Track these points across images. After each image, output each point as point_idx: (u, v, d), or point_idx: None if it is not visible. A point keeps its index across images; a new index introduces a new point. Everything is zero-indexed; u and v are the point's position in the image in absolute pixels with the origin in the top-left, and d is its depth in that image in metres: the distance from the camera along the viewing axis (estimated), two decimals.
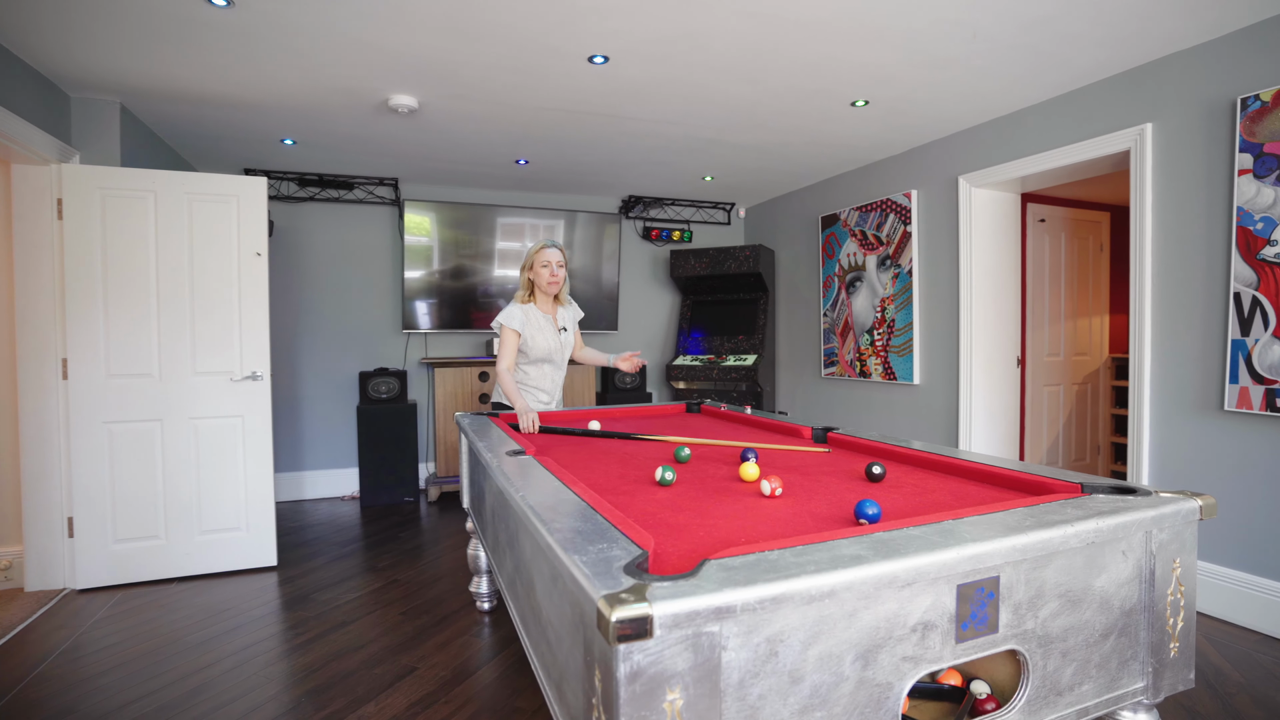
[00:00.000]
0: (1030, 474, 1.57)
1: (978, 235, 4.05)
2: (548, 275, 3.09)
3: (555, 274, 3.10)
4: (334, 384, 5.25)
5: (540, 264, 3.10)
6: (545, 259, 3.09)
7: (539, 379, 3.23)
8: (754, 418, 2.77)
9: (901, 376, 4.53)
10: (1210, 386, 2.91)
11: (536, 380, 3.22)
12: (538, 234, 5.65)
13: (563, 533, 1.16)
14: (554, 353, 3.18)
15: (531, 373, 3.21)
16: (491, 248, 5.52)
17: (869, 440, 2.12)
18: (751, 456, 1.92)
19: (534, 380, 3.23)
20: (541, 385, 3.25)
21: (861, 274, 4.87)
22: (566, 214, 5.72)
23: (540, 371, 3.21)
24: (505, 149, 4.46)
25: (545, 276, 3.09)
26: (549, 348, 3.15)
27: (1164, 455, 3.08)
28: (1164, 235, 3.08)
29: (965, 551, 1.05)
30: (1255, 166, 2.71)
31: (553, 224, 5.69)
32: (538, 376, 3.23)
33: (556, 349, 3.19)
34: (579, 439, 2.47)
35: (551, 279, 3.10)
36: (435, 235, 5.34)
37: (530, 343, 3.10)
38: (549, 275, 3.09)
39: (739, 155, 4.66)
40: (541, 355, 3.15)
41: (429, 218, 5.31)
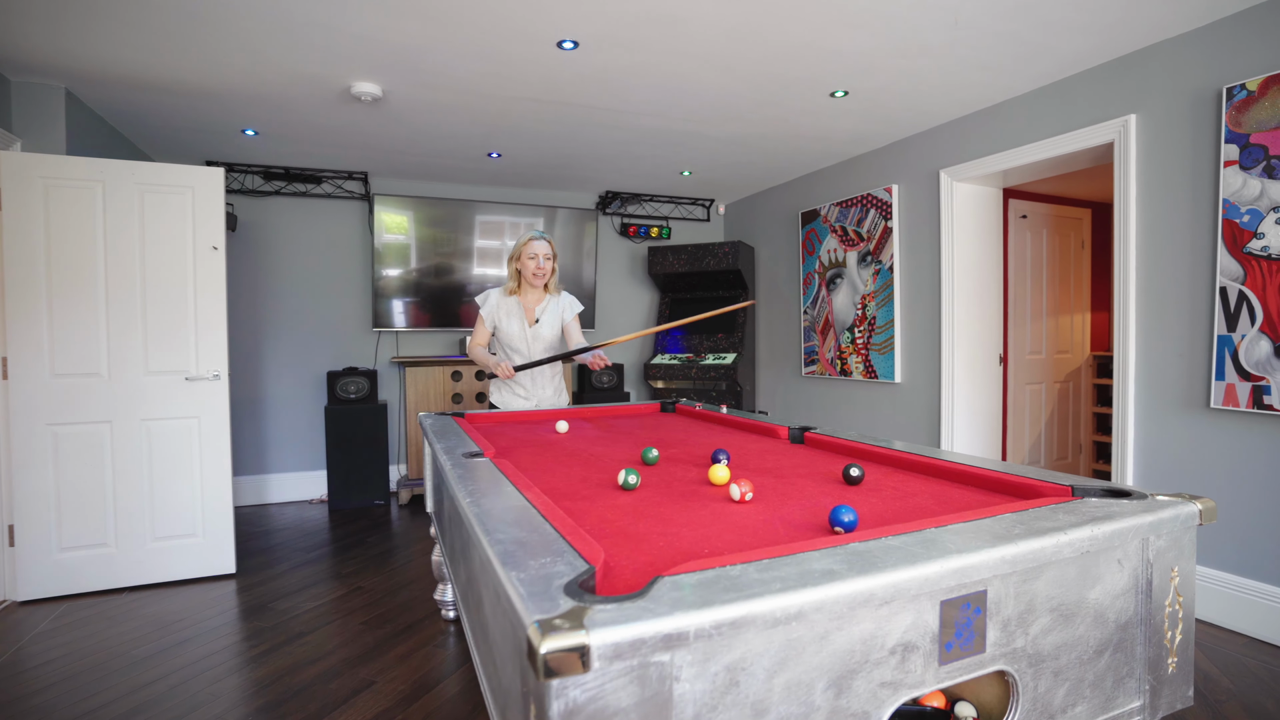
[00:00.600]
0: (1017, 476, 1.48)
1: (959, 230, 3.98)
2: (533, 267, 3.05)
3: (541, 266, 3.06)
4: (301, 384, 5.09)
5: (527, 255, 3.06)
6: (532, 250, 3.05)
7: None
8: (730, 417, 2.67)
9: (883, 375, 4.45)
10: (1196, 384, 2.84)
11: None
12: (518, 231, 5.52)
13: (504, 545, 1.05)
14: (518, 342, 3.11)
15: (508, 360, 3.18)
16: (466, 244, 5.38)
17: (847, 440, 2.02)
18: (723, 458, 1.81)
19: None
20: (518, 379, 3.15)
21: (842, 271, 4.79)
22: (543, 210, 5.59)
23: (513, 361, 3.15)
24: (476, 141, 4.33)
25: (531, 268, 3.05)
26: (513, 337, 3.11)
27: (1149, 454, 3.02)
28: (1148, 229, 3.02)
29: (949, 564, 0.95)
30: (1241, 157, 2.65)
31: (531, 220, 5.55)
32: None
33: (521, 339, 3.11)
34: (541, 444, 2.35)
35: (537, 271, 3.05)
36: (407, 231, 5.19)
37: (499, 331, 3.13)
38: (534, 267, 3.05)
39: (717, 149, 4.56)
40: (507, 344, 3.13)
41: (400, 212, 5.16)
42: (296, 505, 4.97)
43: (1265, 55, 2.60)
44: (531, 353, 3.14)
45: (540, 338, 3.15)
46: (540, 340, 3.15)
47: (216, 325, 3.36)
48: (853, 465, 1.59)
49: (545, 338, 3.16)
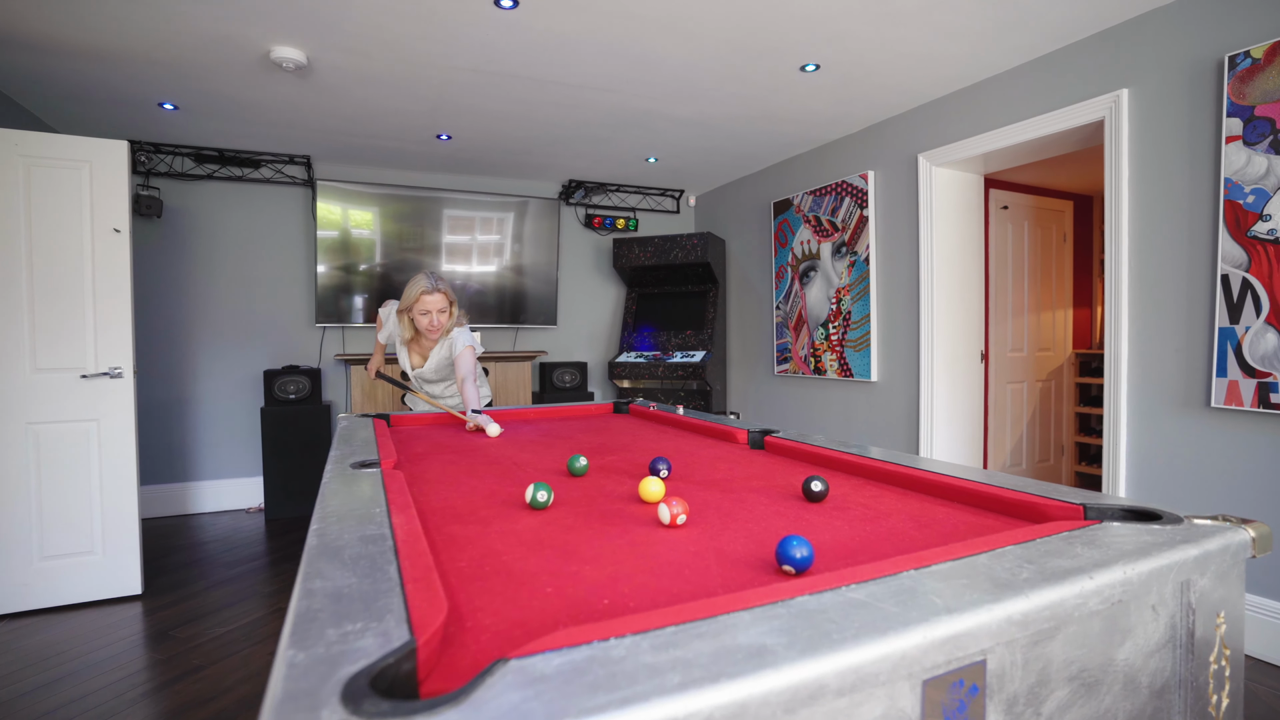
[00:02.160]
0: (1013, 491, 1.20)
1: (939, 219, 3.73)
2: (427, 324, 2.79)
3: (435, 322, 2.78)
4: (237, 383, 4.71)
5: (419, 311, 2.77)
6: (425, 306, 2.75)
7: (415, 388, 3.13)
8: (685, 419, 2.38)
9: (858, 373, 4.19)
10: (1195, 381, 2.60)
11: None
12: (471, 226, 5.19)
13: (314, 597, 0.74)
14: (416, 376, 3.02)
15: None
16: (418, 233, 5.04)
17: (813, 446, 1.73)
18: (662, 468, 1.51)
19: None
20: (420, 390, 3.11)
21: (816, 263, 4.52)
22: (500, 199, 5.27)
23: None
24: (422, 120, 4.00)
25: (424, 324, 2.80)
26: (404, 367, 3.02)
27: (1143, 458, 2.78)
28: (1142, 213, 2.77)
29: (936, 631, 0.66)
30: (1245, 132, 2.41)
31: (489, 214, 5.23)
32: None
33: (411, 374, 3.02)
34: (462, 450, 2.04)
35: (431, 327, 2.79)
36: (352, 220, 4.84)
37: (394, 352, 3.12)
38: (428, 324, 2.79)
39: (682, 133, 4.27)
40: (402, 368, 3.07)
41: (344, 199, 4.81)
42: (231, 515, 4.60)
43: (1272, 20, 2.36)
44: (417, 385, 3.08)
45: (424, 378, 3.00)
46: (424, 380, 3.02)
47: (119, 317, 3.00)
48: (814, 478, 1.30)
49: (428, 378, 3.01)
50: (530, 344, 5.55)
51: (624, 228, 5.73)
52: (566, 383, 5.31)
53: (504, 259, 5.30)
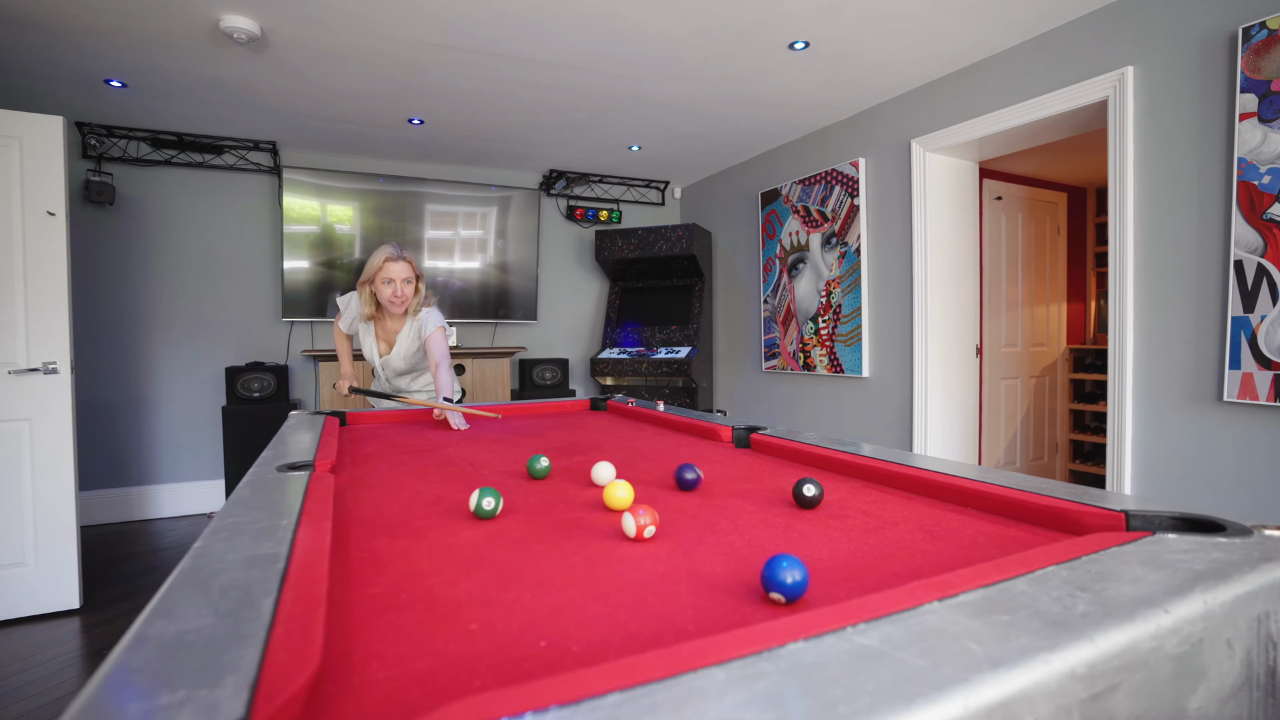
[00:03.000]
0: (1036, 495, 1.03)
1: (933, 208, 3.57)
2: (389, 293, 2.54)
3: (400, 293, 2.55)
4: (197, 381, 4.48)
5: (382, 279, 2.53)
6: (388, 274, 2.52)
7: (376, 384, 2.86)
8: (665, 415, 2.20)
9: (849, 369, 4.03)
10: (1206, 374, 2.45)
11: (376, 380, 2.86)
12: (449, 217, 4.98)
13: (144, 648, 0.55)
14: (382, 365, 2.75)
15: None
16: (391, 224, 4.83)
17: (804, 444, 1.56)
18: (691, 475, 1.34)
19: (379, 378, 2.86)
20: (380, 387, 2.85)
21: (805, 255, 4.36)
22: (475, 189, 5.07)
23: (378, 378, 2.83)
24: (391, 102, 3.80)
25: (386, 294, 2.54)
26: (368, 357, 2.74)
27: (1149, 456, 2.63)
28: (1148, 197, 2.62)
29: (980, 696, 0.48)
30: (1261, 109, 2.26)
31: (468, 208, 5.02)
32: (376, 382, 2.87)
33: (373, 362, 2.74)
34: (415, 450, 1.85)
35: (394, 297, 2.55)
36: (322, 209, 4.62)
37: (359, 344, 2.77)
38: (391, 294, 2.54)
39: (666, 118, 4.09)
40: (367, 359, 2.77)
41: (313, 188, 4.59)
42: (190, 520, 4.37)
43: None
44: (382, 379, 2.81)
45: (391, 367, 2.73)
46: (391, 369, 2.74)
47: (54, 308, 2.78)
48: (807, 481, 1.13)
49: (397, 368, 2.74)
50: (510, 340, 5.35)
51: (607, 220, 5.55)
52: (547, 380, 5.11)
53: (484, 253, 5.10)
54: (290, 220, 4.52)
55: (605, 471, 1.28)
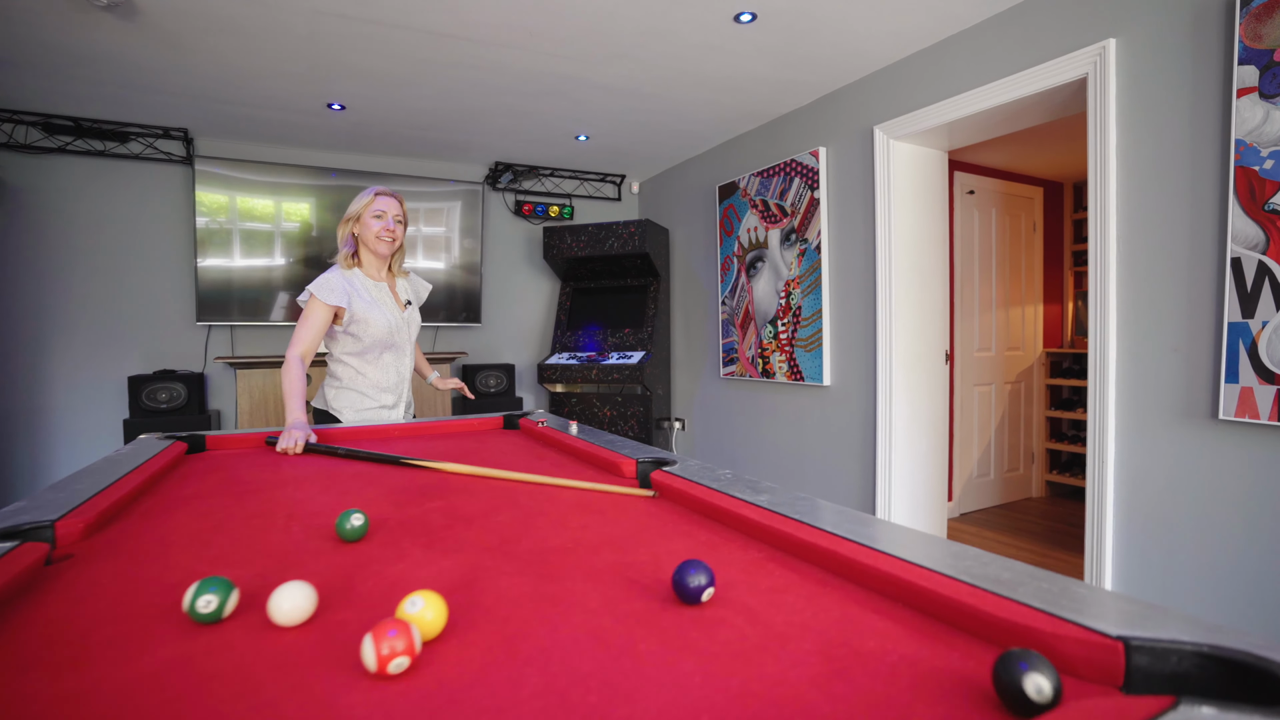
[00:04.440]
0: (994, 596, 0.70)
1: (898, 201, 3.26)
2: (378, 228, 2.21)
3: (391, 228, 2.23)
4: (92, 392, 4.06)
5: (371, 214, 2.21)
6: (380, 207, 2.22)
7: (379, 376, 2.31)
8: (571, 440, 1.85)
9: (809, 376, 3.71)
10: (1199, 388, 2.15)
11: (376, 378, 2.30)
12: None
13: None
14: (397, 333, 2.30)
15: (369, 370, 2.29)
16: (318, 218, 4.44)
17: (711, 490, 1.22)
18: (698, 578, 1.00)
19: (372, 378, 2.30)
20: (384, 383, 2.32)
21: (763, 253, 4.04)
22: (410, 180, 4.70)
23: (380, 365, 2.30)
24: (305, 85, 3.42)
25: (374, 229, 2.21)
26: (389, 326, 2.26)
27: (1134, 479, 2.33)
28: (1132, 187, 2.33)
29: None
30: (1262, 82, 1.97)
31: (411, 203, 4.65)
32: (378, 374, 2.31)
33: (400, 328, 2.32)
34: (244, 490, 1.49)
35: (383, 234, 2.22)
36: (239, 202, 4.23)
37: (363, 321, 2.20)
38: (380, 228, 2.21)
39: (611, 104, 3.75)
40: (380, 338, 2.25)
41: (229, 180, 4.20)
42: None
43: None
44: (405, 352, 2.37)
45: (414, 323, 2.41)
46: (414, 327, 2.41)
47: None
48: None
49: (418, 325, 2.44)
50: (452, 345, 4.98)
51: (558, 216, 5.20)
52: (491, 388, 4.76)
53: (432, 251, 4.73)
54: (208, 215, 4.13)
55: (289, 600, 0.74)
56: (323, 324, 2.14)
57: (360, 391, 2.29)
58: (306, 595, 0.74)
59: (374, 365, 2.29)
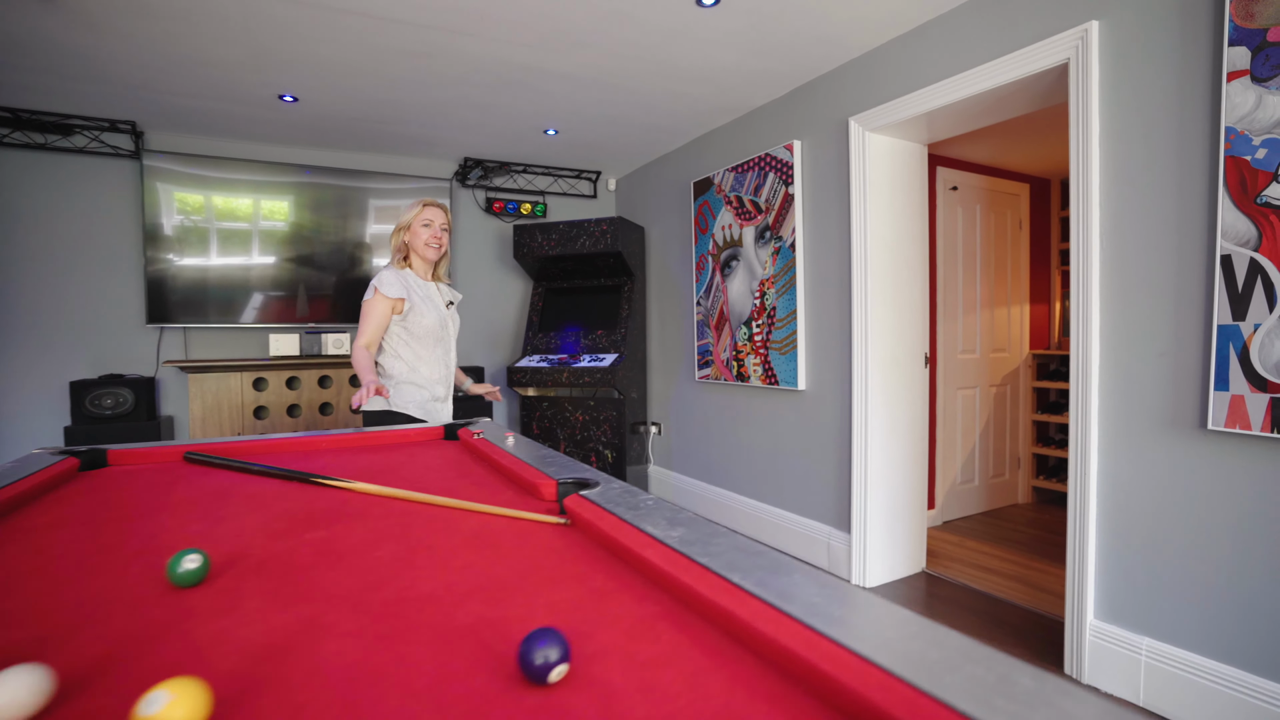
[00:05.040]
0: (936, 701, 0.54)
1: (874, 197, 3.10)
2: (427, 236, 2.51)
3: (438, 235, 2.53)
4: (31, 397, 3.88)
5: (421, 222, 2.52)
6: (428, 217, 2.53)
7: (432, 367, 2.52)
8: (500, 456, 1.69)
9: (784, 380, 3.55)
10: (1187, 395, 2.00)
11: (429, 370, 2.51)
12: (344, 208, 4.43)
13: None
14: (445, 327, 2.56)
15: (423, 361, 2.50)
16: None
17: (625, 522, 1.06)
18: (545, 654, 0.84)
19: (425, 370, 2.50)
20: (435, 375, 2.53)
21: (738, 251, 3.88)
22: (375, 176, 4.52)
23: (432, 358, 2.52)
24: (249, 74, 3.24)
25: (424, 237, 2.51)
26: (440, 320, 2.52)
27: (1118, 493, 2.17)
28: (1117, 179, 2.17)
29: None
30: (1254, 64, 1.81)
31: (381, 200, 4.48)
32: (430, 365, 2.51)
33: (447, 323, 2.59)
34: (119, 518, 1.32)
35: (431, 240, 2.52)
36: (191, 200, 4.05)
37: (418, 313, 2.46)
38: (428, 235, 2.51)
39: (577, 95, 3.59)
40: (432, 331, 2.50)
41: (180, 176, 4.02)
42: None
43: None
44: (450, 347, 2.61)
45: (456, 322, 2.67)
46: (456, 326, 2.67)
47: None
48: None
49: (458, 325, 2.70)
50: None
51: (530, 213, 5.03)
52: (459, 392, 4.57)
53: (375, 250, 4.55)
54: (155, 211, 3.94)
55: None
56: (385, 316, 2.41)
57: (415, 384, 2.47)
58: (22, 688, 0.57)
59: (427, 356, 2.49)
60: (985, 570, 3.31)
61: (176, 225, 4.02)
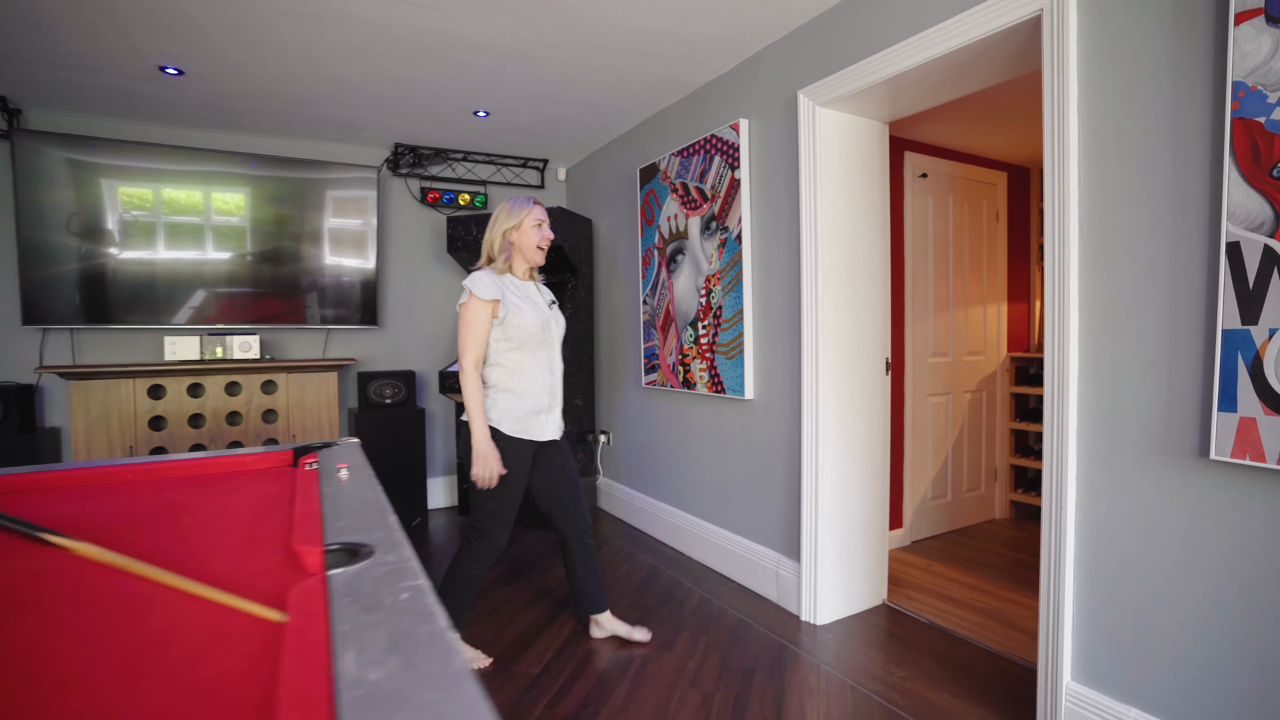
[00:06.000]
0: None
1: (827, 181, 2.73)
2: (539, 237, 2.37)
3: (549, 236, 2.41)
4: None
5: (533, 221, 2.36)
6: (540, 215, 2.38)
7: (535, 375, 2.32)
8: (305, 499, 1.30)
9: (731, 388, 3.18)
10: (1183, 416, 1.63)
11: (531, 377, 2.31)
12: (269, 199, 4.01)
13: None
14: (547, 329, 2.36)
15: (524, 368, 2.30)
16: (174, 207, 3.84)
17: (324, 640, 0.67)
18: None
19: (528, 377, 2.30)
20: (539, 383, 2.32)
21: (684, 244, 3.50)
22: (290, 165, 4.10)
23: (535, 364, 2.32)
24: (118, 40, 2.83)
25: (536, 239, 2.36)
26: (541, 321, 2.33)
27: (1099, 533, 1.80)
28: (1098, 155, 1.80)
29: None
30: (1269, 2, 1.44)
31: (284, 189, 4.06)
32: (533, 372, 2.31)
33: (550, 324, 2.39)
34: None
35: (544, 241, 2.39)
36: (71, 184, 3.62)
37: (516, 315, 2.26)
38: (541, 237, 2.37)
39: (499, 71, 3.19)
40: (533, 334, 2.30)
41: (62, 158, 3.59)
42: None
43: None
44: (556, 351, 2.41)
45: (561, 324, 2.48)
46: (561, 328, 2.47)
47: None
48: None
49: (564, 326, 2.51)
50: (345, 349, 4.40)
51: (469, 204, 4.62)
52: (387, 398, 4.18)
53: (317, 245, 4.14)
54: (30, 193, 3.51)
55: None
56: (486, 322, 2.23)
57: (514, 393, 2.28)
58: None
59: (529, 363, 2.30)
60: (954, 603, 2.94)
61: (53, 209, 3.59)
